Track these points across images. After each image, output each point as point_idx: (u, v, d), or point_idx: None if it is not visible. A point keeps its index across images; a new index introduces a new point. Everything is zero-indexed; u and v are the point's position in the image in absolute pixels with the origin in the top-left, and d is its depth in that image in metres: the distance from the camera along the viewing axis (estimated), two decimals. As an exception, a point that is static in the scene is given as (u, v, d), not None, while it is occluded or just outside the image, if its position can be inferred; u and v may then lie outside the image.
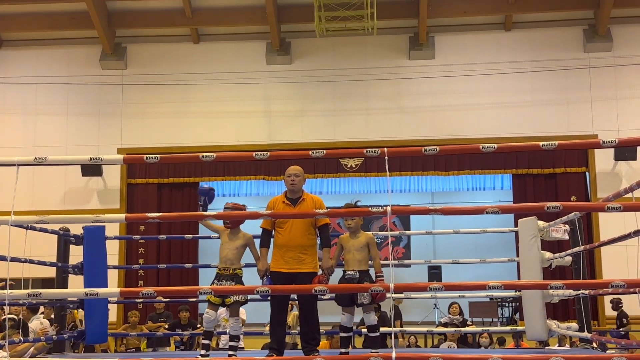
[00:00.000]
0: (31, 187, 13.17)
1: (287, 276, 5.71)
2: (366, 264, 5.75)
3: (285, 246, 5.78)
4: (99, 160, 4.57)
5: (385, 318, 9.86)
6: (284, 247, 5.78)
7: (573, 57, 13.35)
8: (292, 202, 5.87)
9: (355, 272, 5.65)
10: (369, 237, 5.79)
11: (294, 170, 5.92)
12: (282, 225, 5.79)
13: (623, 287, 4.12)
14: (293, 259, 5.75)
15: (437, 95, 13.50)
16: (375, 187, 14.26)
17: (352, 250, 5.72)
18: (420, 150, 4.31)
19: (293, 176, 5.88)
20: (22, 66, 14.03)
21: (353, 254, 5.71)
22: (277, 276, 5.77)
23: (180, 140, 13.50)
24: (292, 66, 13.82)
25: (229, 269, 5.70)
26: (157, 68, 13.87)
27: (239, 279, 5.71)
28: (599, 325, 12.39)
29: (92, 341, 7.83)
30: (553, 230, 6.94)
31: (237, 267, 5.76)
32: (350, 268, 5.70)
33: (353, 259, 5.70)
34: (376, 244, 5.82)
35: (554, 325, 6.97)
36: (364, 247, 5.72)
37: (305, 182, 6.04)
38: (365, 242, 5.73)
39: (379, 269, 5.60)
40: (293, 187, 5.89)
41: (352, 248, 5.73)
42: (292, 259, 5.75)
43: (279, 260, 5.80)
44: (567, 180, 13.29)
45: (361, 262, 5.70)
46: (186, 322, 10.00)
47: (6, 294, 4.49)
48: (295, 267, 5.73)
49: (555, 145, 4.23)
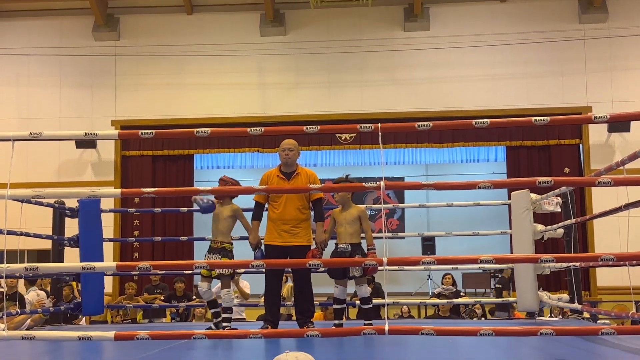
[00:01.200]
0: (25, 159, 13.16)
1: (281, 249, 5.77)
2: (358, 237, 5.80)
3: (279, 220, 5.83)
4: (94, 136, 4.58)
5: (379, 289, 9.96)
6: (278, 221, 5.84)
7: (568, 28, 13.31)
8: (286, 176, 5.91)
9: (347, 245, 5.71)
10: (361, 210, 5.83)
11: (288, 144, 5.94)
12: (276, 200, 5.84)
13: (612, 260, 4.18)
14: (287, 233, 5.80)
15: (432, 67, 13.47)
16: (369, 159, 14.27)
17: (343, 223, 5.77)
18: (413, 126, 4.33)
19: (287, 150, 5.91)
20: (13, 37, 13.92)
21: (345, 227, 5.76)
22: (271, 249, 5.83)
23: (174, 112, 13.47)
24: (286, 38, 13.75)
25: (217, 242, 5.79)
26: (150, 39, 13.78)
27: (226, 252, 5.79)
28: (591, 296, 12.53)
29: (89, 313, 7.91)
30: (545, 202, 7.00)
31: (226, 240, 5.83)
32: (342, 241, 5.75)
33: (345, 232, 5.75)
34: (368, 216, 5.87)
35: (545, 296, 7.07)
36: (356, 220, 5.76)
37: (299, 156, 6.08)
38: (356, 215, 5.77)
39: (371, 242, 5.65)
40: (287, 161, 5.92)
41: (343, 221, 5.77)
42: (285, 233, 5.80)
43: (272, 233, 5.86)
44: (561, 152, 13.34)
45: (353, 235, 5.75)
46: (182, 294, 10.08)
47: (3, 267, 4.53)
48: (289, 241, 5.79)
49: (547, 121, 4.25)
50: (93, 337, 4.39)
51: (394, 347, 4.97)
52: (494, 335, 4.13)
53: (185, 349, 5.09)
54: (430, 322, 8.23)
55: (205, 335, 4.48)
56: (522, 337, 5.01)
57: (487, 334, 4.10)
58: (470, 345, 4.91)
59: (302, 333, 4.72)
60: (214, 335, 4.82)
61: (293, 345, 4.81)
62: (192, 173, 13.98)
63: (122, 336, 4.40)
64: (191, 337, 4.48)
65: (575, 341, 5.02)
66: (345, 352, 4.96)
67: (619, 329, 4.45)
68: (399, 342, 5.04)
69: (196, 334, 4.47)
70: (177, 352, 4.99)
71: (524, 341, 5.10)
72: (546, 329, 4.11)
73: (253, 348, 5.12)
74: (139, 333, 4.29)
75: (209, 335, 4.59)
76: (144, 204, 12.48)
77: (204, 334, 4.53)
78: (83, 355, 5.16)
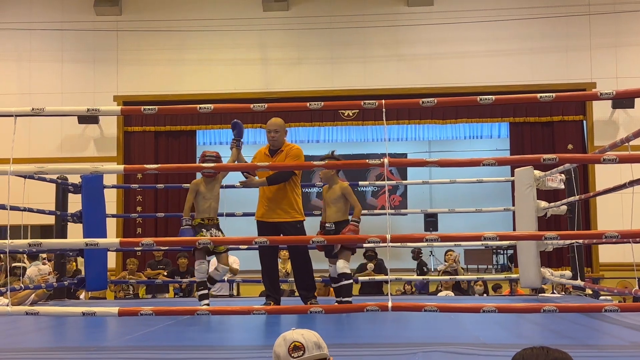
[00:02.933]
0: (28, 134, 13.13)
1: (272, 225, 5.78)
2: (344, 214, 5.73)
3: (267, 197, 5.84)
4: (97, 112, 4.56)
5: (382, 266, 9.98)
6: (266, 198, 5.84)
7: (573, 3, 13.17)
8: (271, 153, 5.91)
9: (332, 224, 5.67)
10: (344, 187, 5.75)
11: (273, 125, 5.90)
12: (262, 176, 5.83)
13: (617, 237, 4.17)
14: (280, 209, 5.80)
15: (436, 43, 13.38)
16: (372, 135, 14.24)
17: (328, 202, 5.74)
18: (417, 103, 4.30)
19: (273, 132, 5.89)
20: (15, 12, 13.82)
21: (329, 205, 5.73)
22: (262, 226, 5.84)
23: (177, 88, 13.42)
24: (289, 13, 13.64)
25: (213, 219, 5.77)
26: (152, 14, 13.68)
27: (219, 227, 5.82)
28: (593, 272, 12.55)
29: (92, 288, 7.95)
30: (549, 179, 6.98)
31: (216, 216, 5.84)
32: (328, 220, 5.72)
33: (330, 211, 5.72)
34: (352, 191, 5.76)
35: (548, 273, 7.08)
36: (339, 198, 5.70)
37: (286, 134, 6.05)
38: (340, 193, 5.71)
39: (357, 216, 5.60)
40: (274, 143, 5.90)
41: (328, 200, 5.74)
42: (278, 209, 5.80)
43: (263, 209, 5.87)
44: (565, 128, 13.29)
45: (337, 213, 5.70)
46: (185, 269, 10.11)
47: (7, 243, 4.54)
48: (281, 217, 5.80)
49: (552, 97, 4.22)
50: (97, 313, 4.41)
51: (398, 324, 4.99)
52: (497, 312, 4.14)
53: (189, 324, 5.11)
54: (433, 299, 8.26)
55: (209, 312, 4.49)
56: (525, 314, 5.02)
57: (490, 310, 4.10)
58: (474, 321, 4.93)
59: (305, 309, 4.73)
60: (217, 311, 4.84)
61: (295, 322, 4.84)
62: (195, 149, 13.96)
63: (126, 312, 4.42)
64: (194, 313, 4.50)
65: (578, 318, 5.04)
66: (348, 329, 4.97)
67: (622, 306, 4.46)
68: (401, 319, 5.06)
69: (199, 310, 4.49)
70: (181, 327, 5.02)
71: (527, 317, 5.12)
72: (549, 306, 4.11)
73: (256, 324, 5.14)
74: (142, 309, 4.30)
75: (213, 312, 4.60)
76: (147, 180, 12.48)
77: (207, 310, 4.54)
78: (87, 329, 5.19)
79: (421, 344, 4.02)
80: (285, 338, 2.31)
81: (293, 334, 2.30)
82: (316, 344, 2.29)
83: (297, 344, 2.28)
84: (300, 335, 2.30)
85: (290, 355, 2.26)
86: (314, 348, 2.28)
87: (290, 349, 2.27)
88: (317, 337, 2.32)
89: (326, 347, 2.32)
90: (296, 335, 2.30)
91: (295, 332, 2.32)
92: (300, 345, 2.27)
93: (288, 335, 2.30)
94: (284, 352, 2.27)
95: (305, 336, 2.30)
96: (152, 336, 4.66)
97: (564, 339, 4.35)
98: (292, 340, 2.28)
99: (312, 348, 2.28)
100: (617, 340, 4.48)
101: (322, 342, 2.32)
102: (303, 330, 2.32)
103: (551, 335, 4.56)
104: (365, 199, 14.60)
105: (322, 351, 2.30)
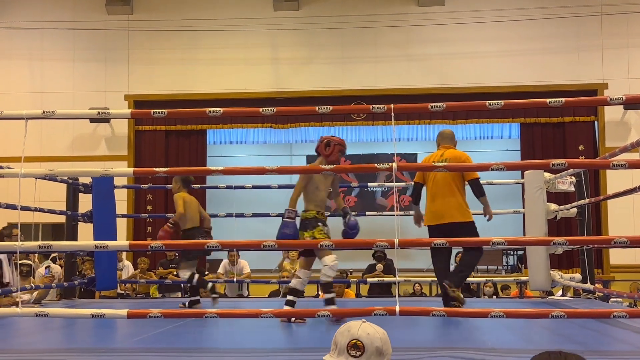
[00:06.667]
0: (39, 133, 13.18)
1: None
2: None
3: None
4: (107, 115, 4.58)
5: (391, 267, 9.98)
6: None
7: (585, 3, 13.10)
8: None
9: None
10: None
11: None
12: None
13: (626, 243, 4.15)
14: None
15: (446, 43, 13.35)
16: (382, 135, 14.20)
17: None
18: (427, 107, 4.29)
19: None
20: (27, 12, 13.89)
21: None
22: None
23: (187, 87, 13.46)
24: (300, 12, 13.64)
25: (324, 214, 5.41)
26: (163, 14, 13.72)
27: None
28: (603, 274, 12.49)
29: (102, 288, 8.00)
30: (559, 182, 6.97)
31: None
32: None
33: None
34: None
35: (558, 275, 7.06)
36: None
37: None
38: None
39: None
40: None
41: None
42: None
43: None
44: (576, 129, 13.22)
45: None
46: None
47: (17, 245, 4.57)
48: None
49: (562, 102, 4.20)
50: (106, 315, 4.43)
51: (405, 328, 4.98)
52: (505, 317, 4.14)
53: (198, 326, 5.13)
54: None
55: (217, 314, 4.51)
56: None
57: (498, 316, 4.10)
58: (482, 325, 4.92)
59: (313, 313, 4.73)
60: (226, 314, 4.85)
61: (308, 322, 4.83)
62: (205, 148, 14.00)
63: (135, 314, 4.44)
64: (203, 316, 4.51)
65: (587, 322, 5.02)
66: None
67: (631, 312, 4.44)
68: (409, 321, 5.06)
69: (208, 313, 4.50)
70: (190, 329, 5.03)
71: (536, 321, 5.10)
72: (558, 312, 4.10)
73: (264, 327, 5.15)
74: (151, 311, 4.32)
75: (221, 314, 4.62)
76: (157, 180, 12.44)
77: (216, 312, 4.56)
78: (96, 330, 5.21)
79: (428, 348, 4.02)
80: (350, 330, 2.10)
81: (359, 330, 2.08)
82: (378, 349, 2.08)
83: (359, 343, 2.07)
84: (366, 333, 2.08)
85: (347, 350, 2.07)
86: (373, 354, 2.07)
87: (349, 344, 2.07)
88: (382, 341, 2.10)
89: (390, 354, 2.10)
90: (362, 332, 2.08)
91: (363, 327, 2.10)
92: (361, 345, 2.07)
93: (353, 328, 2.09)
94: (343, 343, 2.08)
95: (371, 336, 2.08)
96: (161, 338, 4.68)
97: (573, 344, 4.34)
98: (355, 337, 2.08)
99: (372, 354, 2.07)
100: (626, 346, 4.45)
101: (387, 347, 2.10)
102: (372, 328, 2.10)
103: (560, 340, 4.55)
104: (375, 198, 14.59)
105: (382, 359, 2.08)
